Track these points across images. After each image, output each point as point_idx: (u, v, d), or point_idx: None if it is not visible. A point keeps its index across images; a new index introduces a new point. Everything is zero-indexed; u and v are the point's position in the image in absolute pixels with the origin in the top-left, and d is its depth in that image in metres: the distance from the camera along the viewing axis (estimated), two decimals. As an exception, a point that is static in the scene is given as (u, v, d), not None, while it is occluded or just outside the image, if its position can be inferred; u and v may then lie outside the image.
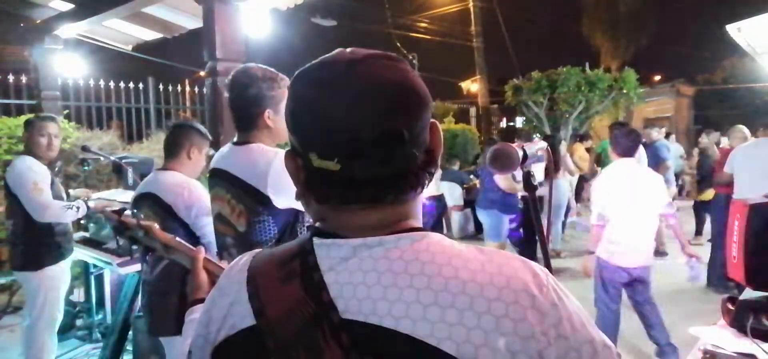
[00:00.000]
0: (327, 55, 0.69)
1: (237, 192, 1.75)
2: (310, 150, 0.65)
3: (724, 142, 7.10)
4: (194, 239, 2.26)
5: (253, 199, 1.69)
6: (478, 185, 6.33)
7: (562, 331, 0.61)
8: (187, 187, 2.35)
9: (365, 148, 0.62)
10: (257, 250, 0.77)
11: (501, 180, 5.36)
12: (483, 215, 5.56)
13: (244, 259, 0.75)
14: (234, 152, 1.87)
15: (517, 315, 0.59)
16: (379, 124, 0.62)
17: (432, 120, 0.70)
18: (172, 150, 2.50)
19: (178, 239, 1.22)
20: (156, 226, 1.24)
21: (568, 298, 0.64)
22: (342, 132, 0.62)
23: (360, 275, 0.63)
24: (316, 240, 0.68)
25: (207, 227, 2.23)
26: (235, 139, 1.92)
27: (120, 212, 1.39)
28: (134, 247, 1.30)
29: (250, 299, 0.68)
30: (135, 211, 2.10)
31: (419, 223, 0.71)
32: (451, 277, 0.61)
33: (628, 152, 3.53)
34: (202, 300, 0.93)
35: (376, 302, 0.61)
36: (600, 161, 8.12)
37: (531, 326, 0.59)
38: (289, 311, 0.64)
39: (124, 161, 4.04)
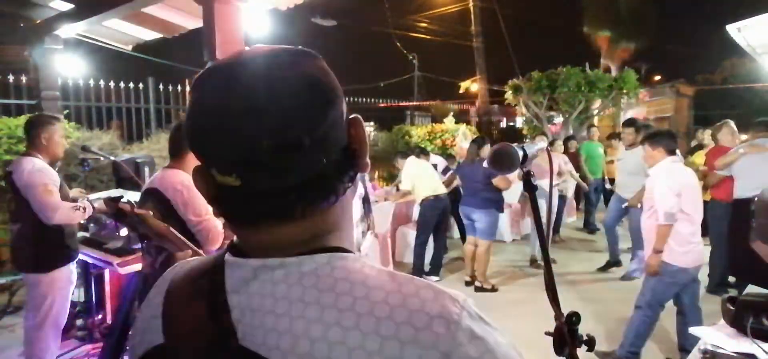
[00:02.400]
0: (227, 57, 0.63)
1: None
2: (210, 165, 0.60)
3: (707, 137, 7.07)
4: (190, 235, 2.34)
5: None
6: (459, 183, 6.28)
7: None
8: (187, 187, 2.45)
9: (262, 159, 0.56)
10: (182, 261, 0.72)
11: (500, 182, 5.34)
12: (478, 214, 5.53)
13: (174, 269, 0.71)
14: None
15: (412, 355, 0.53)
16: (274, 132, 0.55)
17: (353, 115, 0.64)
18: (176, 150, 2.62)
19: (170, 228, 1.24)
20: (150, 214, 1.25)
21: (484, 332, 0.57)
22: (234, 144, 0.56)
23: (258, 299, 0.58)
24: (228, 258, 0.63)
25: (201, 226, 2.42)
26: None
27: (117, 199, 1.41)
28: (133, 234, 1.34)
29: (162, 315, 0.65)
30: (129, 200, 2.18)
31: (342, 237, 0.65)
32: (347, 309, 0.55)
33: (675, 150, 3.57)
34: None
35: (269, 331, 0.56)
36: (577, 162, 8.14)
37: (440, 354, 0.53)
38: (193, 332, 0.60)
39: (137, 161, 4.05)
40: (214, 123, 0.57)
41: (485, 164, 5.61)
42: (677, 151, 3.64)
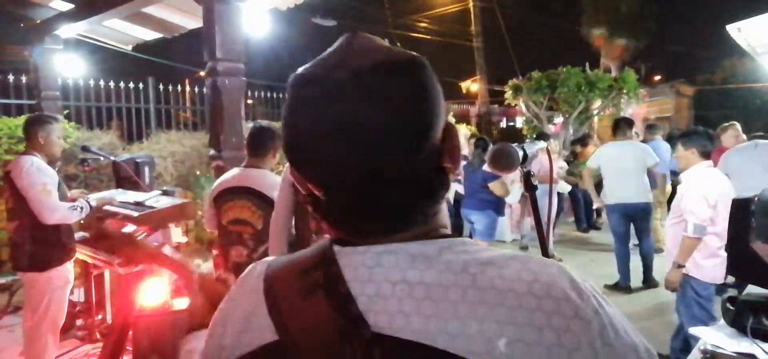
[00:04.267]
0: (327, 54, 0.63)
1: (257, 201, 2.65)
2: (299, 173, 0.62)
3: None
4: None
5: (269, 205, 2.55)
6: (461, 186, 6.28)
7: (607, 339, 0.56)
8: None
9: (347, 185, 0.58)
10: (271, 258, 0.71)
11: (496, 187, 5.33)
12: (476, 216, 5.54)
13: (259, 268, 0.69)
14: (245, 173, 2.79)
15: (561, 325, 0.54)
16: (362, 162, 0.57)
17: (449, 123, 0.64)
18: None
19: (161, 251, 1.23)
20: (138, 236, 1.24)
21: (608, 304, 0.60)
22: (324, 167, 0.58)
23: (388, 285, 0.58)
24: (336, 248, 0.63)
25: None
26: (245, 163, 2.84)
27: (102, 219, 1.38)
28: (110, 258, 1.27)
29: (269, 312, 0.62)
30: (124, 218, 2.27)
31: (445, 226, 0.66)
32: (487, 287, 0.56)
33: (710, 152, 3.25)
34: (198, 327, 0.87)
35: (409, 316, 0.56)
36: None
37: (575, 336, 0.55)
38: (315, 326, 0.59)
39: (137, 161, 4.05)
40: (303, 143, 0.60)
41: (485, 166, 5.62)
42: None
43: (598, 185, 6.15)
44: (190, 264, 1.21)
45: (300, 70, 0.63)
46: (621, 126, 5.86)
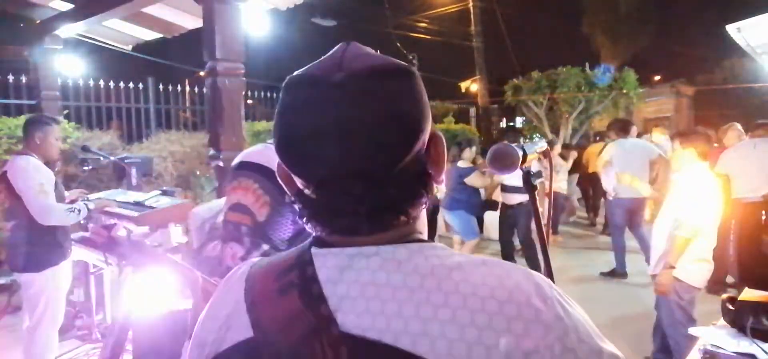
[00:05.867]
0: (322, 59, 0.65)
1: (266, 183, 1.82)
2: (291, 170, 0.65)
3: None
4: None
5: (281, 193, 1.71)
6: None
7: (568, 344, 0.58)
8: None
9: (334, 184, 0.61)
10: (255, 259, 0.74)
11: (474, 180, 5.33)
12: (450, 217, 5.54)
13: (242, 269, 0.72)
14: (269, 149, 1.94)
15: (520, 329, 0.57)
16: (353, 163, 0.60)
17: (435, 134, 0.67)
18: None
19: (169, 256, 1.20)
20: (146, 242, 1.21)
21: (573, 308, 0.62)
22: (314, 166, 0.62)
23: (357, 287, 0.61)
24: (314, 250, 0.66)
25: None
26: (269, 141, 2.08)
27: (109, 227, 1.35)
28: (121, 263, 1.25)
29: (247, 310, 0.65)
30: (125, 226, 2.09)
31: (423, 233, 0.68)
32: (451, 291, 0.58)
33: (707, 153, 3.22)
34: None
35: (375, 316, 0.59)
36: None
37: (534, 340, 0.57)
38: (287, 323, 0.62)
39: (125, 161, 4.04)
40: (297, 140, 0.62)
41: (460, 162, 5.62)
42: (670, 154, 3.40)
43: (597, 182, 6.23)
44: (193, 269, 1.21)
45: (296, 72, 0.66)
46: (624, 126, 6.13)
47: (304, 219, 0.67)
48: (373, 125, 0.60)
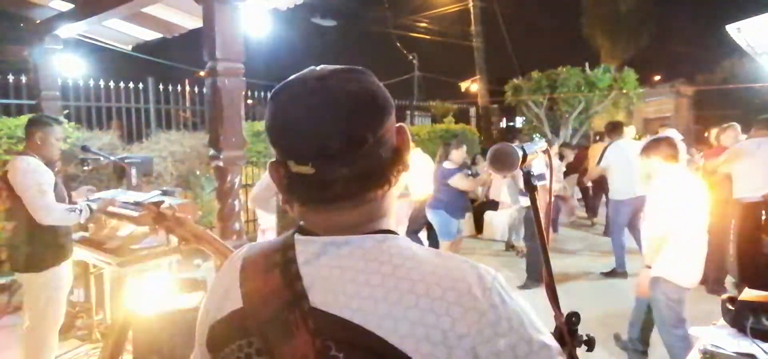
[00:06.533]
0: (298, 73, 0.77)
1: None
2: (288, 158, 0.74)
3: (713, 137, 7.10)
4: None
5: None
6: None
7: (499, 330, 0.67)
8: None
9: (334, 152, 0.71)
10: (253, 242, 0.87)
11: (459, 182, 5.33)
12: (431, 216, 5.55)
13: (242, 250, 0.85)
14: None
15: (456, 314, 0.66)
16: (344, 130, 0.71)
17: (398, 124, 0.79)
18: None
19: (207, 231, 1.29)
20: (189, 218, 1.29)
21: (512, 300, 0.71)
22: (313, 139, 0.71)
23: (327, 269, 0.72)
24: (297, 236, 0.78)
25: None
26: None
27: (158, 203, 1.43)
28: (171, 237, 1.38)
29: (240, 285, 0.78)
30: (170, 203, 2.17)
31: (390, 222, 0.79)
32: (403, 277, 0.69)
33: (675, 155, 3.26)
34: None
35: (338, 295, 0.70)
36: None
37: (468, 325, 0.66)
38: (269, 296, 0.74)
39: (125, 161, 4.04)
40: (295, 123, 0.73)
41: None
42: (682, 156, 3.36)
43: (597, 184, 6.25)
44: (229, 249, 1.23)
45: (279, 84, 0.78)
46: (615, 127, 6.32)
47: (288, 195, 0.78)
48: (352, 99, 0.72)
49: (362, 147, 0.71)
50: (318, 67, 0.77)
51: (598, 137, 9.20)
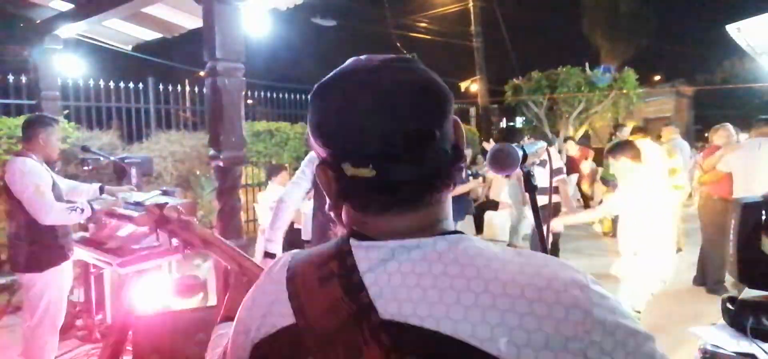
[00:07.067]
0: (343, 66, 0.70)
1: None
2: (342, 160, 0.66)
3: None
4: None
5: None
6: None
7: (608, 328, 0.61)
8: None
9: (399, 150, 0.63)
10: (295, 251, 0.77)
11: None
12: None
13: (284, 259, 0.76)
14: None
15: (559, 315, 0.59)
16: (409, 125, 0.63)
17: (454, 117, 0.71)
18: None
19: (216, 235, 1.23)
20: (194, 221, 1.25)
21: (608, 293, 0.65)
22: (374, 137, 0.63)
23: (399, 277, 0.64)
24: (353, 242, 0.69)
25: None
26: None
27: (162, 206, 1.39)
28: (173, 241, 1.31)
29: (290, 298, 0.69)
30: (175, 206, 2.14)
31: (451, 224, 0.71)
32: (491, 279, 0.61)
33: (637, 156, 3.54)
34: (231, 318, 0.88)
35: (416, 303, 0.61)
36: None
37: (573, 325, 0.59)
38: (329, 311, 0.65)
39: (125, 161, 4.04)
40: (349, 121, 0.65)
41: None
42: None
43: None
44: (244, 256, 1.19)
45: (322, 80, 0.70)
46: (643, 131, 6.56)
47: (340, 200, 0.70)
48: (414, 89, 0.65)
49: (430, 143, 0.64)
50: (363, 57, 0.70)
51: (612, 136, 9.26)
